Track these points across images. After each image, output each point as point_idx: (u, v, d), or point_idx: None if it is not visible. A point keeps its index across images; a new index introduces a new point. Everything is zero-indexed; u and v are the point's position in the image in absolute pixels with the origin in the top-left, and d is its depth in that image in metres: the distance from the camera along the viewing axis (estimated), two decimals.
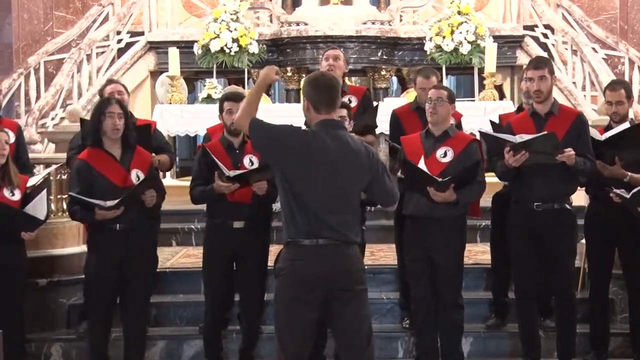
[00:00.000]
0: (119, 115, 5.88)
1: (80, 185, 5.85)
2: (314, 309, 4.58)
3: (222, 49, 11.66)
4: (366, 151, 4.69)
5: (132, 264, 5.93)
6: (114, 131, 5.87)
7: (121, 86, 6.89)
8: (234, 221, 6.20)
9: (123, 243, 5.88)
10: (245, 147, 6.30)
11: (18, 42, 12.33)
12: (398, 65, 12.34)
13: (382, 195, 4.77)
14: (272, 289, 6.94)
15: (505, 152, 5.86)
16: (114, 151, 5.94)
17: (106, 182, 5.85)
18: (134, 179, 5.90)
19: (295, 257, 4.61)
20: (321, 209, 4.58)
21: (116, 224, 5.87)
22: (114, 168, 5.91)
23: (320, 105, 4.66)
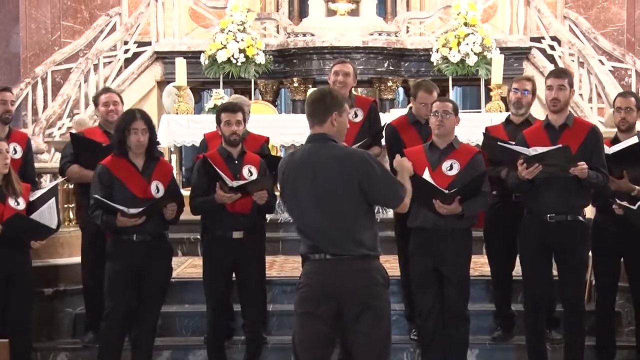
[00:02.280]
0: (142, 131, 5.94)
1: (102, 191, 5.89)
2: (326, 323, 4.58)
3: (228, 59, 11.69)
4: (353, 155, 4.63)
5: (147, 275, 5.98)
6: (138, 146, 5.94)
7: (116, 95, 6.90)
8: (233, 231, 6.22)
9: (140, 254, 5.93)
10: (244, 158, 6.34)
11: (26, 52, 12.39)
12: (404, 76, 12.36)
13: (382, 196, 4.65)
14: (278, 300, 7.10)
15: (519, 165, 5.85)
16: (137, 162, 6.00)
17: (125, 191, 5.91)
18: (153, 191, 5.95)
19: (307, 272, 4.65)
20: (318, 223, 4.59)
21: (134, 234, 5.91)
22: (134, 178, 5.96)
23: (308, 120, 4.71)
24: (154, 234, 6.02)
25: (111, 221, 5.87)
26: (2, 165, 6.03)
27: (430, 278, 6.01)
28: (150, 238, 5.99)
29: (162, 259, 6.12)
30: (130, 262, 5.95)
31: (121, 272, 5.97)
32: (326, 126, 4.64)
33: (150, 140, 6.01)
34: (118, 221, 5.84)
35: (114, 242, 6.02)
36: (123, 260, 5.96)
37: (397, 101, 12.95)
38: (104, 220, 5.91)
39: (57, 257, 7.28)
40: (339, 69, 6.78)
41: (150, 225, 5.94)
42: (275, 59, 12.14)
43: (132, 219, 5.83)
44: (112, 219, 5.86)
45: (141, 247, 5.96)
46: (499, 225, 6.50)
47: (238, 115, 6.30)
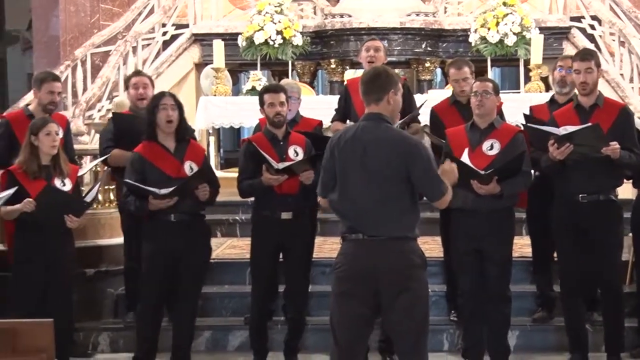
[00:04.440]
0: (171, 106, 5.96)
1: (135, 176, 5.92)
2: (364, 304, 4.56)
3: (266, 41, 11.66)
4: (406, 140, 4.62)
5: (186, 256, 5.99)
6: (167, 123, 5.94)
7: (147, 78, 6.90)
8: (281, 212, 6.22)
9: (178, 234, 5.95)
10: (289, 138, 6.32)
11: (65, 35, 12.43)
12: (442, 57, 12.26)
13: (424, 187, 4.64)
14: (317, 281, 7.11)
15: (550, 145, 5.81)
16: (168, 144, 6.02)
17: (159, 173, 5.92)
18: (187, 171, 5.97)
19: (344, 252, 4.64)
20: (361, 203, 4.57)
21: (170, 214, 5.92)
22: (167, 160, 5.98)
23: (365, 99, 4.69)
24: (191, 214, 6.03)
25: (143, 206, 5.89)
26: (50, 146, 6.10)
27: (471, 259, 5.98)
28: (187, 218, 6.00)
29: (201, 238, 6.14)
30: (167, 242, 5.97)
31: (158, 253, 5.99)
32: (382, 105, 4.62)
33: (180, 122, 6.03)
34: (150, 204, 5.86)
35: (151, 223, 6.04)
36: (160, 241, 5.98)
37: (434, 82, 12.87)
38: (136, 206, 5.93)
39: (98, 238, 7.35)
40: (370, 45, 6.86)
41: (187, 205, 5.95)
42: (312, 41, 12.10)
43: (164, 200, 5.84)
44: (144, 204, 5.88)
45: (178, 227, 5.98)
46: (541, 205, 6.45)
47: (281, 96, 6.28)
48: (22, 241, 6.12)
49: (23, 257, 6.09)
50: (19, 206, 5.97)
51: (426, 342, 4.66)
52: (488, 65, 11.63)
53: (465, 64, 6.69)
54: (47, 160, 6.11)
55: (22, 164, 6.09)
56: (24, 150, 6.13)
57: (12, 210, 6.01)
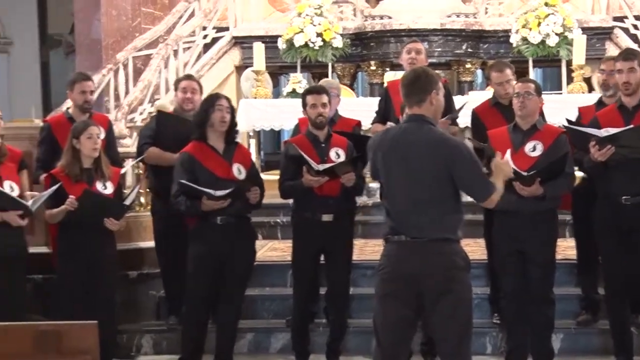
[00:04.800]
0: (227, 109, 6.00)
1: (186, 176, 5.93)
2: (407, 306, 4.55)
3: (306, 43, 11.68)
4: (448, 141, 4.60)
5: (232, 258, 6.01)
6: (221, 123, 5.98)
7: (196, 84, 6.90)
8: (322, 214, 6.22)
9: (225, 237, 5.97)
10: (331, 140, 6.32)
11: (107, 39, 12.52)
12: (483, 58, 12.20)
13: (468, 188, 4.61)
14: (358, 283, 7.10)
15: (591, 147, 5.76)
16: (218, 145, 6.04)
17: (208, 174, 5.94)
18: (235, 173, 6.00)
19: (387, 254, 4.63)
20: (403, 205, 4.56)
21: (217, 217, 5.94)
22: (216, 161, 6.01)
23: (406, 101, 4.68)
24: (238, 217, 6.05)
25: (195, 206, 5.90)
26: (92, 149, 6.13)
27: (513, 260, 5.94)
28: (234, 221, 6.02)
29: (246, 241, 6.15)
30: (214, 245, 5.98)
31: (205, 255, 6.01)
32: (425, 106, 4.60)
33: (231, 124, 6.06)
34: (203, 205, 5.87)
35: (197, 225, 6.06)
36: (207, 243, 6.00)
37: (475, 83, 12.80)
38: (187, 206, 5.94)
39: (140, 240, 7.39)
40: (412, 47, 6.84)
41: (235, 208, 5.97)
42: (352, 42, 12.09)
43: (218, 201, 5.86)
44: (196, 204, 5.89)
45: (225, 230, 5.99)
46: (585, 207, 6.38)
47: (323, 97, 6.28)
48: (65, 243, 6.18)
49: (65, 259, 6.15)
50: (63, 207, 6.02)
51: (469, 345, 4.63)
52: (529, 66, 11.55)
53: (506, 66, 6.64)
54: (88, 163, 6.15)
55: (64, 168, 6.13)
56: (65, 154, 6.17)
57: (57, 212, 6.07)
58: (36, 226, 6.83)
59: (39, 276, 6.71)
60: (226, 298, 6.11)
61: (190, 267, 6.08)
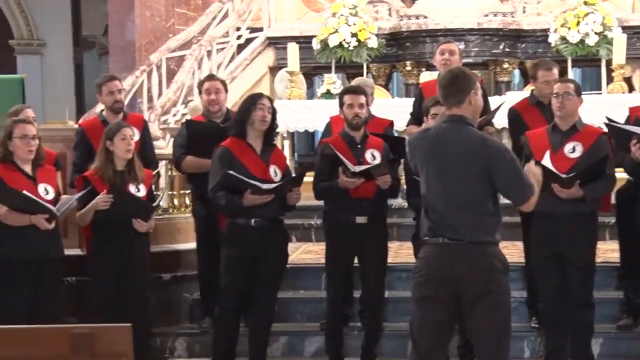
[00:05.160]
0: (268, 109, 6.01)
1: (225, 169, 5.91)
2: (444, 309, 4.53)
3: (340, 43, 11.67)
4: (487, 142, 4.58)
5: (265, 260, 6.02)
6: (262, 122, 5.99)
7: (219, 83, 6.88)
8: (356, 216, 6.20)
9: (258, 239, 5.97)
10: (367, 142, 6.31)
11: (140, 40, 12.60)
12: (521, 58, 12.13)
13: (507, 190, 4.58)
14: (394, 286, 7.09)
15: (632, 145, 5.71)
16: (255, 145, 6.05)
17: (245, 171, 5.93)
18: (272, 175, 6.00)
19: (424, 256, 4.62)
20: (441, 206, 4.54)
21: (251, 218, 5.95)
22: (254, 160, 6.01)
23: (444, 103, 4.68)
24: (271, 219, 6.05)
25: (237, 201, 5.89)
26: (126, 150, 6.13)
27: (552, 263, 5.89)
28: (267, 223, 6.02)
29: (279, 244, 6.16)
30: (246, 247, 5.99)
31: (237, 257, 6.02)
32: (464, 106, 4.59)
33: (271, 125, 6.07)
34: (245, 199, 5.86)
35: (230, 226, 6.07)
36: (239, 245, 6.01)
37: (513, 84, 12.73)
38: (228, 201, 5.92)
39: (174, 242, 7.41)
40: (445, 48, 6.80)
41: (268, 210, 5.97)
42: (387, 43, 12.07)
43: (262, 196, 5.86)
44: (237, 199, 5.88)
45: (258, 232, 5.99)
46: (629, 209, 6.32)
47: (361, 97, 6.27)
48: (98, 246, 6.20)
49: (99, 261, 6.18)
50: (93, 203, 6.04)
51: (508, 349, 4.60)
52: (568, 65, 11.46)
53: (554, 66, 6.59)
54: (122, 165, 6.17)
55: (98, 170, 6.14)
56: (99, 156, 6.19)
57: (86, 211, 6.08)
58: (69, 229, 6.87)
59: (72, 278, 6.75)
60: (258, 300, 6.12)
61: (223, 268, 6.10)
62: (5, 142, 5.95)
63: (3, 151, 5.96)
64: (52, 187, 6.01)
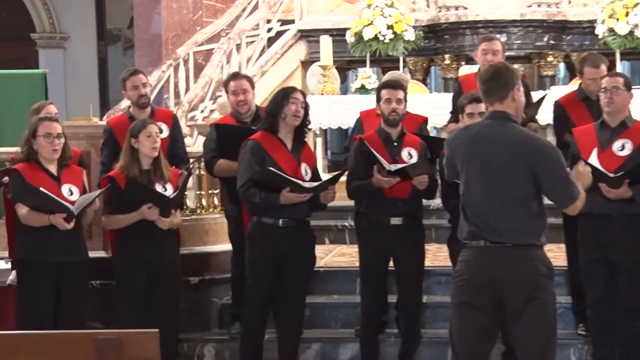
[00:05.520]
0: (301, 103, 6.02)
1: (257, 165, 5.92)
2: (486, 315, 4.53)
3: (375, 36, 11.67)
4: (533, 140, 4.58)
5: (291, 263, 6.03)
6: (294, 117, 6.00)
7: (246, 82, 6.80)
8: (391, 217, 6.20)
9: (284, 240, 5.98)
10: (404, 140, 6.30)
11: (167, 33, 12.66)
12: (566, 50, 12.08)
13: (552, 192, 4.57)
14: (432, 291, 7.07)
15: None
16: (287, 141, 6.06)
17: (276, 168, 5.92)
18: (303, 173, 6.02)
19: (465, 260, 4.61)
20: (483, 207, 4.54)
21: (279, 219, 5.96)
22: (285, 156, 6.03)
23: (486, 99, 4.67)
24: (298, 220, 6.06)
25: (272, 199, 5.90)
26: (151, 148, 6.12)
27: (600, 267, 5.86)
28: (294, 224, 6.03)
29: (306, 246, 6.16)
30: (272, 247, 6.00)
31: (262, 258, 6.04)
32: (507, 102, 4.59)
33: (303, 121, 6.08)
34: (282, 197, 5.87)
35: (256, 227, 6.08)
36: (265, 247, 6.02)
37: (557, 78, 12.67)
38: (262, 198, 5.93)
39: (202, 244, 7.41)
40: (487, 48, 6.73)
41: (297, 210, 5.98)
42: (425, 35, 12.06)
43: (301, 194, 5.86)
44: (273, 197, 5.89)
45: (284, 233, 6.01)
46: None
47: (399, 92, 6.26)
48: (124, 248, 6.22)
49: (125, 264, 6.19)
50: (140, 213, 6.05)
51: (553, 357, 4.59)
52: (617, 58, 11.39)
53: (602, 61, 6.49)
54: (147, 164, 6.16)
55: (123, 169, 6.13)
56: (124, 154, 6.18)
57: (128, 218, 6.08)
58: (93, 230, 6.90)
59: (97, 282, 6.79)
60: (286, 305, 6.13)
61: (248, 270, 6.11)
62: (30, 141, 5.97)
63: (27, 150, 5.99)
64: (78, 187, 6.03)
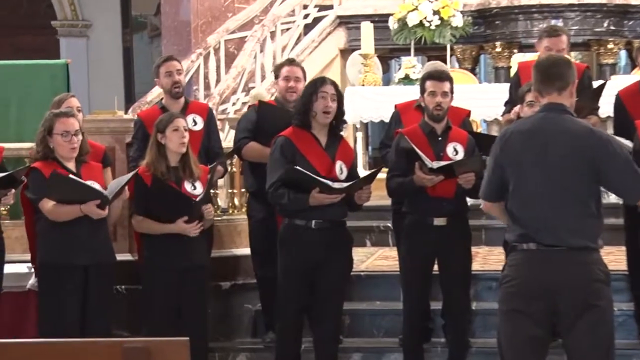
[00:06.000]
0: (332, 96, 5.99)
1: (286, 163, 5.92)
2: (538, 324, 4.51)
3: (420, 22, 11.66)
4: (594, 133, 4.56)
5: (326, 267, 6.03)
6: (324, 114, 5.99)
7: (299, 70, 6.88)
8: (434, 217, 6.20)
9: (318, 243, 5.99)
10: (449, 134, 6.28)
11: (197, 20, 12.70)
12: (628, 37, 12.00)
13: (620, 186, 4.57)
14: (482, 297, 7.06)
15: None
16: (321, 137, 6.07)
17: (310, 169, 5.93)
18: (337, 172, 6.00)
19: (515, 264, 4.59)
20: (538, 207, 4.52)
21: (312, 220, 5.99)
22: (319, 155, 6.02)
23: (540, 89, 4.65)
24: (332, 221, 6.06)
25: (301, 199, 5.90)
26: (179, 144, 6.12)
27: None
28: (329, 225, 6.03)
29: (342, 249, 6.16)
30: (305, 251, 6.01)
31: (295, 263, 6.05)
32: (565, 95, 4.59)
33: (337, 114, 6.07)
34: (312, 198, 5.87)
35: (288, 229, 6.09)
36: (298, 250, 6.03)
37: (618, 66, 12.60)
38: (290, 199, 5.93)
39: (234, 247, 7.43)
40: (551, 45, 6.63)
41: (332, 211, 5.98)
42: (474, 21, 12.03)
43: (331, 196, 5.89)
44: (302, 197, 5.90)
45: (319, 235, 6.01)
46: None
47: (445, 84, 6.24)
48: (152, 251, 6.22)
49: (153, 268, 6.20)
50: (172, 226, 6.06)
51: None
52: None
53: None
54: (175, 160, 6.17)
55: (150, 166, 6.14)
56: (150, 151, 6.19)
57: (164, 228, 6.10)
58: (118, 231, 6.95)
59: (122, 287, 6.84)
60: (322, 312, 6.12)
61: (280, 276, 6.12)
62: (45, 139, 5.96)
63: (43, 149, 5.98)
64: (100, 184, 6.08)
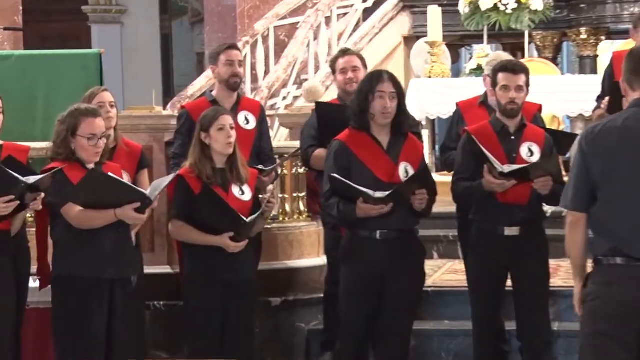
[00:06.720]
0: (390, 95, 5.98)
1: (339, 172, 5.95)
2: (626, 349, 4.48)
3: (495, 5, 11.64)
4: None
5: (395, 282, 6.03)
6: (383, 115, 5.99)
7: (357, 59, 6.92)
8: (505, 227, 6.19)
9: (384, 256, 6.00)
10: (524, 132, 6.26)
11: (243, 4, 12.76)
12: None
13: None
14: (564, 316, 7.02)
15: None
16: (382, 137, 6.07)
17: (367, 175, 5.95)
18: (401, 175, 6.00)
19: (602, 281, 4.56)
20: (630, 217, 4.48)
21: (376, 230, 6.01)
22: (379, 158, 6.03)
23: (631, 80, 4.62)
24: (400, 230, 6.06)
25: (350, 211, 5.93)
26: (225, 144, 6.13)
27: None
28: (396, 235, 6.04)
29: (412, 262, 6.15)
30: (370, 265, 6.02)
31: (359, 278, 6.06)
32: None
33: (399, 111, 6.07)
34: (359, 209, 5.90)
35: (350, 240, 6.10)
36: (361, 263, 6.04)
37: None
38: (340, 210, 5.96)
39: (285, 258, 7.43)
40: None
41: (397, 219, 5.98)
42: (556, 4, 11.98)
43: (377, 206, 5.91)
44: (351, 208, 5.91)
45: (385, 246, 6.01)
46: None
47: (520, 78, 6.21)
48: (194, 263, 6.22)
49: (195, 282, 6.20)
50: (216, 239, 6.06)
51: None
52: None
53: None
54: (221, 162, 6.19)
55: (193, 168, 6.16)
56: (193, 151, 6.21)
57: (207, 240, 6.09)
58: (156, 241, 6.99)
59: (160, 303, 6.88)
60: (388, 333, 6.12)
61: (342, 292, 6.15)
62: (68, 140, 5.87)
63: (65, 151, 5.88)
64: None
